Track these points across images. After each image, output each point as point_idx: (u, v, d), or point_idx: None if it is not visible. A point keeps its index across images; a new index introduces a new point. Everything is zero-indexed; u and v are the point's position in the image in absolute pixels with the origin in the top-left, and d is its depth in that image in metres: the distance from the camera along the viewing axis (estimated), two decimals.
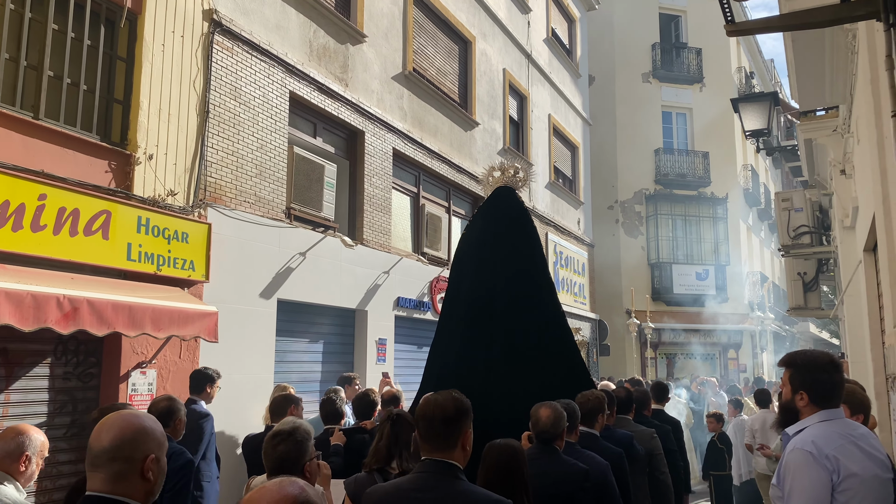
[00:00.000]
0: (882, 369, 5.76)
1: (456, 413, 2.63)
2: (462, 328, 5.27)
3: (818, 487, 2.59)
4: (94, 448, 1.96)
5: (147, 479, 1.98)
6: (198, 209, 7.58)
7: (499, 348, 5.04)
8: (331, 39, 10.17)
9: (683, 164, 24.81)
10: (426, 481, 2.56)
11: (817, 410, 2.83)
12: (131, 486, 1.96)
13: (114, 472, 1.94)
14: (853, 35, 5.48)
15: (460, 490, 2.54)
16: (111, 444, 1.96)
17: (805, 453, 2.68)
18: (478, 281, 5.30)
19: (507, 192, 5.63)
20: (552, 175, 18.41)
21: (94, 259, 6.26)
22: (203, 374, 6.59)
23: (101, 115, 6.87)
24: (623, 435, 5.05)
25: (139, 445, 1.98)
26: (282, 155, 8.96)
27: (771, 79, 33.45)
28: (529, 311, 5.21)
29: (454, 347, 5.24)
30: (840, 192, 8.50)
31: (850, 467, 2.64)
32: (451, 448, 2.61)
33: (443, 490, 2.53)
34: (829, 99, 7.57)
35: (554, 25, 19.44)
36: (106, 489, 1.94)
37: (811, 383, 2.85)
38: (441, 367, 5.31)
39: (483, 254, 5.40)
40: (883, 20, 3.39)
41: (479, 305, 5.22)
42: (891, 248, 4.07)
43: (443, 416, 2.62)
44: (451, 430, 2.61)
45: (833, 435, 2.73)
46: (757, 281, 26.72)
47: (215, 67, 7.99)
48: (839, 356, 11.57)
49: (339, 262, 9.83)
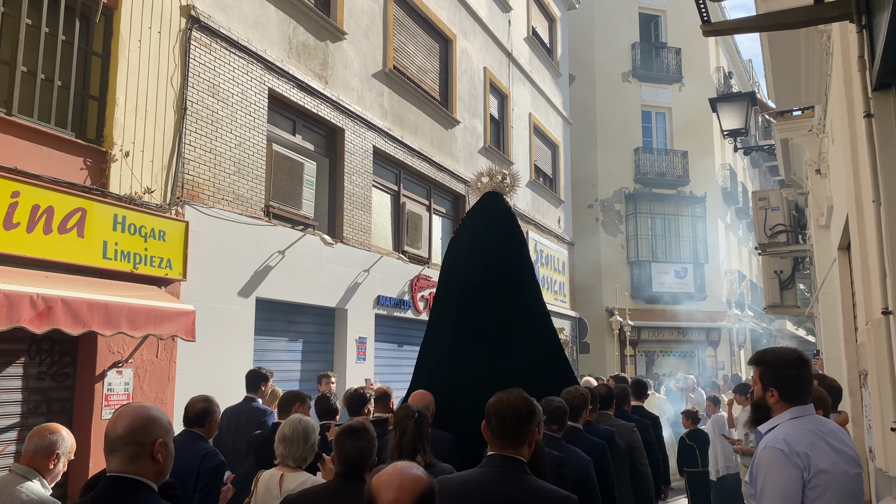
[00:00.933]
0: (855, 366, 5.84)
1: (528, 413, 2.78)
2: (452, 327, 5.42)
3: (789, 485, 2.62)
4: (111, 435, 2.27)
5: (157, 460, 2.28)
6: (175, 207, 7.51)
7: (488, 347, 5.19)
8: (310, 36, 10.12)
9: (662, 163, 24.99)
10: (498, 476, 2.69)
11: (788, 407, 2.86)
12: (144, 466, 2.26)
13: (128, 455, 2.24)
14: (828, 36, 5.54)
15: (531, 485, 2.68)
16: (124, 431, 2.25)
17: (776, 451, 2.70)
18: (467, 282, 5.47)
19: (494, 198, 5.82)
20: (533, 174, 18.47)
21: (69, 257, 6.18)
22: (258, 373, 6.87)
23: (76, 112, 6.78)
24: (605, 430, 5.22)
25: (149, 431, 2.28)
26: (260, 152, 8.90)
27: (749, 79, 33.78)
28: (516, 312, 5.37)
29: (445, 345, 5.38)
30: (815, 191, 8.61)
31: (820, 464, 2.66)
32: (520, 445, 2.76)
33: (516, 486, 2.66)
34: (805, 99, 7.65)
35: (535, 24, 19.49)
36: (123, 469, 2.24)
37: (779, 380, 2.87)
38: (433, 364, 5.43)
39: (472, 255, 5.57)
40: (855, 21, 3.43)
41: (468, 305, 5.38)
42: (863, 246, 4.12)
43: (516, 415, 2.76)
44: (523, 430, 2.76)
45: (804, 432, 2.75)
46: (735, 279, 26.99)
47: (193, 64, 7.91)
48: (815, 353, 11.75)
49: (319, 260, 9.79)
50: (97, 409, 6.52)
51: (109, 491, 2.21)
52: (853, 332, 6.30)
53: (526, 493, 2.64)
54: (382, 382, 10.91)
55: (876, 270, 3.32)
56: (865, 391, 4.67)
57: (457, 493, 2.69)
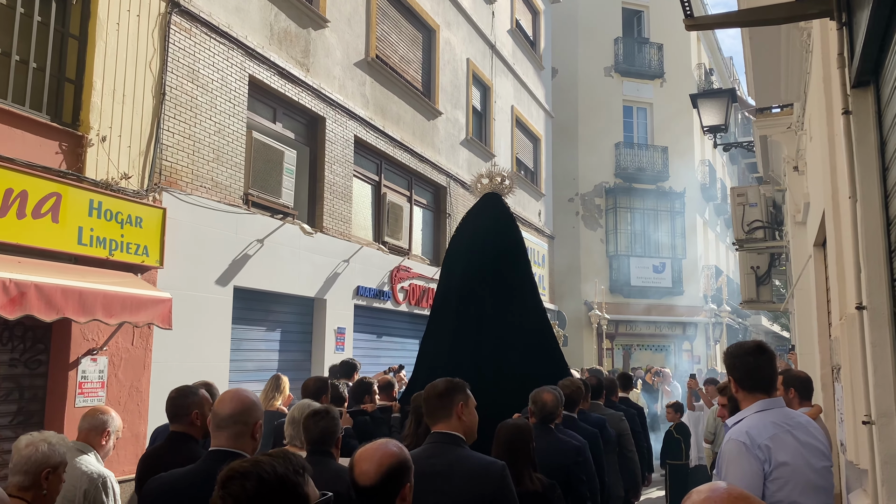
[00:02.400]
0: (828, 360, 5.92)
1: (446, 390, 3.10)
2: (453, 321, 5.72)
3: (749, 477, 2.63)
4: (220, 414, 2.60)
5: (255, 438, 2.65)
6: (152, 193, 7.42)
7: (487, 340, 5.47)
8: (292, 23, 10.02)
9: (643, 159, 25.12)
10: (434, 450, 3.01)
11: (752, 398, 2.87)
12: (245, 443, 2.61)
13: (234, 433, 2.58)
14: (808, 34, 5.59)
15: (460, 455, 3.00)
16: (232, 412, 2.59)
17: (739, 444, 2.72)
18: (467, 279, 5.79)
19: (494, 199, 6.19)
20: (514, 166, 18.48)
21: (43, 243, 6.09)
22: (350, 363, 7.55)
23: (51, 95, 6.66)
24: (597, 418, 5.58)
25: (252, 413, 2.64)
26: (240, 140, 8.82)
27: (729, 76, 34.02)
28: (514, 307, 5.69)
29: (446, 339, 5.67)
30: (793, 188, 8.69)
31: (782, 456, 2.68)
32: (447, 418, 3.07)
33: (447, 456, 2.98)
34: (785, 96, 7.72)
35: (518, 17, 19.47)
36: (228, 444, 2.57)
37: (735, 367, 2.90)
38: (433, 357, 5.72)
39: (472, 252, 5.88)
40: (836, 19, 3.46)
41: (468, 301, 5.68)
42: (839, 243, 4.17)
43: (435, 393, 3.11)
44: (445, 404, 3.07)
45: (768, 425, 2.76)
46: (712, 274, 27.26)
47: (172, 49, 7.81)
48: (790, 348, 11.89)
49: (298, 249, 9.73)
50: (70, 396, 6.43)
51: (214, 463, 2.40)
52: (827, 327, 6.39)
53: (456, 461, 2.96)
54: (361, 373, 10.91)
55: (851, 266, 3.36)
56: (838, 385, 4.74)
57: None
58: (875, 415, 3.06)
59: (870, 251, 3.12)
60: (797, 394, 4.85)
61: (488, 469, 2.96)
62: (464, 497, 2.86)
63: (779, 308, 13.11)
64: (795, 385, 4.88)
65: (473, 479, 2.92)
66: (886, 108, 2.98)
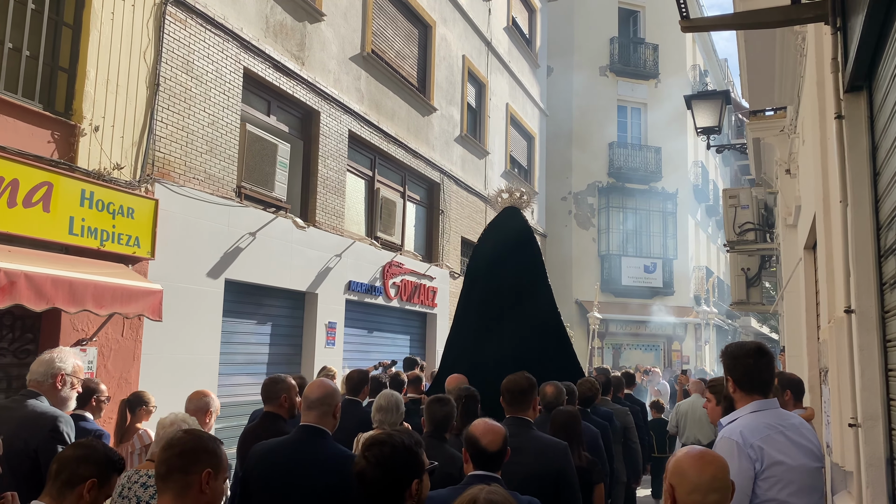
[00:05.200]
0: (816, 363, 5.97)
1: (529, 386, 3.93)
2: (476, 322, 6.40)
3: (740, 476, 2.64)
4: (310, 398, 3.29)
5: (336, 418, 3.34)
6: (145, 184, 7.39)
7: (507, 339, 6.13)
8: (288, 16, 9.99)
9: (636, 159, 25.18)
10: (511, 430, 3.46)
11: (748, 399, 2.90)
12: (329, 422, 3.31)
13: (321, 412, 3.27)
14: (802, 38, 5.61)
15: (532, 435, 3.78)
16: (320, 396, 3.29)
17: (731, 442, 2.75)
18: (489, 283, 6.46)
19: (513, 212, 6.88)
20: (508, 164, 18.50)
21: (34, 232, 6.05)
22: (412, 359, 8.84)
23: (44, 83, 6.62)
24: (605, 412, 6.26)
25: (334, 398, 3.34)
26: (234, 132, 8.79)
27: (724, 77, 34.12)
28: (531, 310, 6.36)
29: (470, 338, 6.38)
30: (784, 190, 8.73)
31: (775, 456, 2.71)
32: (526, 409, 3.88)
33: (522, 436, 3.69)
34: (778, 99, 7.75)
35: (514, 14, 19.46)
36: (315, 421, 3.26)
37: (734, 368, 2.93)
38: (458, 353, 6.39)
39: (494, 261, 6.56)
40: (830, 23, 3.48)
41: (490, 304, 6.37)
42: (829, 246, 4.20)
43: (518, 388, 3.89)
44: (527, 397, 3.90)
45: (761, 426, 2.79)
46: (702, 275, 27.37)
47: (167, 39, 7.77)
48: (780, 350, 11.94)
49: (290, 243, 9.72)
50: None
51: (305, 434, 3.23)
52: (816, 329, 6.43)
53: (528, 440, 3.70)
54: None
55: (840, 270, 3.38)
56: (825, 387, 4.78)
57: None
58: (861, 417, 3.08)
59: (859, 255, 3.14)
60: (792, 396, 4.88)
61: (555, 447, 3.73)
62: (536, 469, 3.58)
63: (768, 310, 13.18)
64: (791, 387, 4.91)
65: (543, 454, 3.67)
66: (879, 113, 3.00)
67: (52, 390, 3.85)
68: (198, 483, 2.22)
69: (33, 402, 3.72)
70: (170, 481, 2.22)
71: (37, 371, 3.89)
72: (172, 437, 2.33)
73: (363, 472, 2.30)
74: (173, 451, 2.25)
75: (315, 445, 3.18)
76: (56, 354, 3.98)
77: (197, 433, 2.37)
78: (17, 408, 3.68)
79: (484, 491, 2.06)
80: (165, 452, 2.26)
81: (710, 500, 2.09)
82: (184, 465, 2.23)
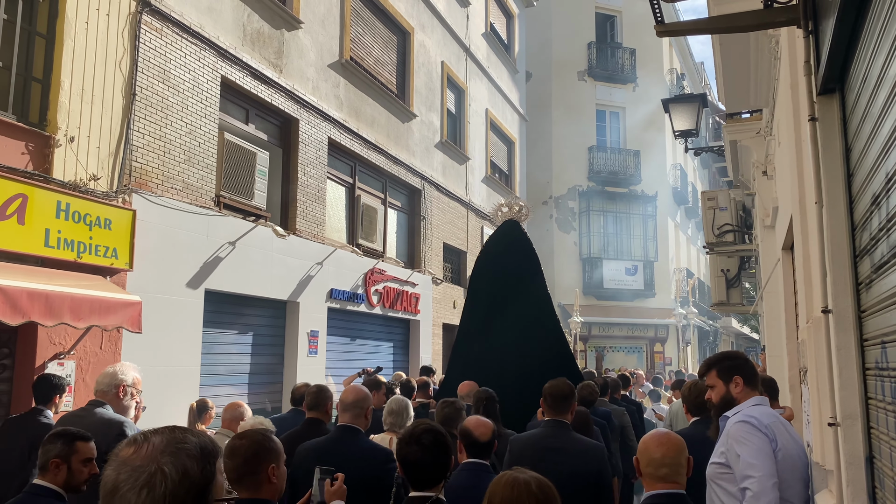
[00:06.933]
0: (796, 362, 6.01)
1: (571, 392, 4.18)
2: (481, 329, 6.76)
3: (766, 449, 2.88)
4: (346, 401, 3.82)
5: (367, 418, 3.87)
6: (122, 195, 7.31)
7: (510, 346, 6.51)
8: (265, 24, 9.95)
9: (616, 162, 25.35)
10: (552, 432, 4.03)
11: (752, 395, 3.18)
12: (361, 421, 3.82)
13: (355, 414, 3.80)
14: (776, 41, 5.68)
15: (572, 437, 4.04)
16: (354, 399, 3.83)
17: (747, 425, 2.97)
18: (492, 293, 6.84)
19: (513, 225, 7.21)
20: (488, 169, 18.53)
21: (8, 245, 5.96)
22: (428, 367, 9.59)
23: (17, 94, 6.54)
24: (604, 411, 6.59)
25: (366, 401, 3.89)
26: (212, 141, 8.73)
27: (701, 81, 34.47)
28: (532, 318, 6.74)
29: (474, 346, 6.76)
30: (762, 192, 8.82)
31: (782, 441, 2.94)
32: (565, 413, 4.13)
33: (561, 437, 4.00)
34: (754, 102, 7.84)
35: (493, 20, 19.53)
36: (350, 421, 3.78)
37: (741, 368, 3.26)
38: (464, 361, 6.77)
39: (496, 271, 6.94)
40: (802, 27, 3.51)
41: (493, 313, 6.76)
42: (806, 247, 4.24)
43: (561, 394, 4.14)
44: (568, 403, 4.15)
45: (767, 413, 3.08)
46: (683, 277, 27.57)
47: (143, 49, 7.70)
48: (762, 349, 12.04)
49: (271, 252, 9.66)
50: None
51: (342, 433, 3.77)
52: (795, 329, 6.49)
53: (568, 441, 3.98)
54: (334, 376, 10.86)
55: (817, 270, 3.41)
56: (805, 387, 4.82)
57: (529, 443, 4.05)
58: (840, 417, 3.11)
59: (835, 255, 3.17)
60: (769, 396, 4.94)
61: (595, 449, 4.01)
62: (575, 469, 3.81)
63: (748, 310, 13.28)
64: (767, 388, 4.97)
65: (581, 455, 3.91)
66: (851, 115, 3.03)
67: (115, 400, 4.40)
68: (266, 478, 2.57)
69: (101, 410, 4.26)
70: (244, 483, 2.57)
71: (102, 383, 4.45)
72: (233, 445, 2.64)
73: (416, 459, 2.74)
74: (238, 459, 2.57)
75: (351, 441, 3.71)
76: (118, 368, 4.55)
77: (251, 437, 2.67)
78: (87, 415, 4.21)
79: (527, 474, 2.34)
80: (233, 461, 2.57)
81: (661, 473, 2.60)
82: (251, 468, 2.56)
